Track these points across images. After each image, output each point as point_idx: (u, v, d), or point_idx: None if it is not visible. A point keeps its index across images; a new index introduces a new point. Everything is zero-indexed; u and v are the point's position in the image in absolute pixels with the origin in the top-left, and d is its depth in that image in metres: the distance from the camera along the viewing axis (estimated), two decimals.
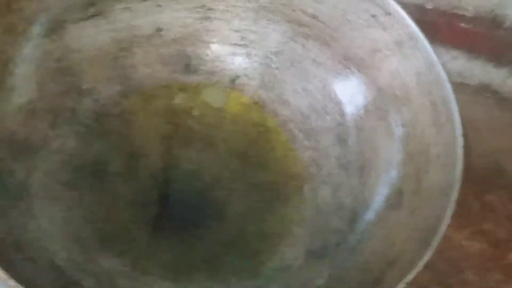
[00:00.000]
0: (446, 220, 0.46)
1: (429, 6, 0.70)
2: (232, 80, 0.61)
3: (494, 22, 0.70)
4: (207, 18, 0.60)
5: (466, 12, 0.71)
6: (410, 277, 0.44)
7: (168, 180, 0.57)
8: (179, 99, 0.60)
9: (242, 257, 0.54)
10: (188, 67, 0.61)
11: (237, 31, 0.61)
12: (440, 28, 0.70)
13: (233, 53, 0.61)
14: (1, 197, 0.51)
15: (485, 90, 0.70)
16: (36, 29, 0.55)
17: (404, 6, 0.55)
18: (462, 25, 0.71)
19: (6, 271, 0.41)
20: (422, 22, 0.55)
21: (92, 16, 0.58)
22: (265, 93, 0.61)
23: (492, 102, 0.70)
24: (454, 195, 0.48)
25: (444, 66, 0.53)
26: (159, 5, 0.60)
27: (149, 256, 0.53)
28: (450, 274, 0.59)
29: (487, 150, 0.65)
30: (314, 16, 0.58)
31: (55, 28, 0.56)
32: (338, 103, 0.58)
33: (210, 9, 0.60)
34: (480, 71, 0.70)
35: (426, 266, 0.45)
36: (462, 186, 0.48)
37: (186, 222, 0.55)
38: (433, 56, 0.53)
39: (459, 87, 0.53)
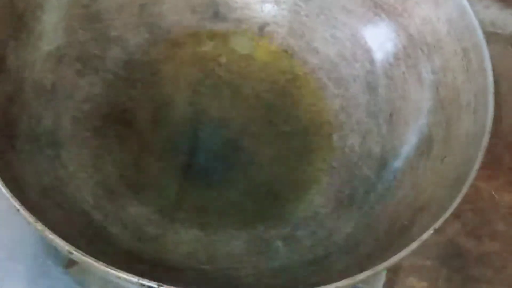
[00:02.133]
0: (476, 167, 0.46)
1: None
2: (261, 28, 0.61)
3: None
4: None
5: None
6: (439, 223, 0.43)
7: (196, 128, 0.57)
8: (207, 47, 0.60)
9: (270, 205, 0.54)
10: (217, 15, 0.60)
11: None
12: None
13: (262, 0, 0.60)
14: (29, 144, 0.51)
15: None
16: None
17: None
18: None
19: (34, 215, 0.41)
20: None
21: None
22: (294, 41, 0.60)
23: None
24: (485, 142, 0.47)
25: (476, 15, 0.53)
26: None
27: (177, 204, 0.54)
28: (480, 225, 0.59)
29: None
30: None
31: None
32: (367, 51, 0.58)
33: None
34: None
35: (455, 217, 0.44)
36: (493, 137, 0.48)
37: (214, 170, 0.56)
38: (465, 2, 0.52)
39: (491, 36, 0.52)
